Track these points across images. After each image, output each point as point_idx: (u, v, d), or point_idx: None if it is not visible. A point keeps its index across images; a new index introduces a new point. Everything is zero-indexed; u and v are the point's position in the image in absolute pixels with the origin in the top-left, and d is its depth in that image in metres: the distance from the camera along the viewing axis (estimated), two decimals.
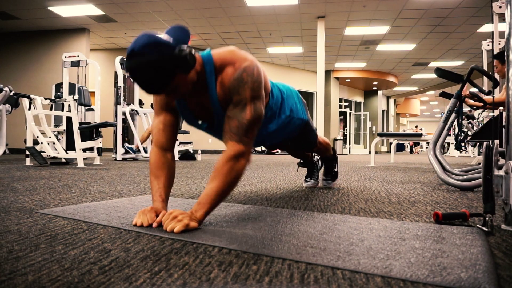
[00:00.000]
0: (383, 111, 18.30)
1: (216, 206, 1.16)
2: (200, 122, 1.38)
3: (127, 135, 6.76)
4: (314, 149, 2.05)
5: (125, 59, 1.08)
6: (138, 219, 1.15)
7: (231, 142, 1.18)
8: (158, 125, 1.34)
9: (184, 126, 6.67)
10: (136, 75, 1.06)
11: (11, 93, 3.88)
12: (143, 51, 1.03)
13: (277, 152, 11.62)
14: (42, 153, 4.25)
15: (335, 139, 14.08)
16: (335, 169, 2.32)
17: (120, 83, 6.07)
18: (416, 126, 22.54)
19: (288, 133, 1.73)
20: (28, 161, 4.24)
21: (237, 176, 1.17)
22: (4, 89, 3.75)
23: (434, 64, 12.51)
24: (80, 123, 4.55)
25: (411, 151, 18.86)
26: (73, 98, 4.45)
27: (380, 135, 5.30)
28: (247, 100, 1.19)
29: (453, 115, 2.71)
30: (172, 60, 1.06)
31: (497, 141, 2.32)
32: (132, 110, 6.39)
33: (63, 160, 4.66)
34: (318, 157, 2.38)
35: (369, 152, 12.63)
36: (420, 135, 5.16)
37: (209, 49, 1.26)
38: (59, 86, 6.08)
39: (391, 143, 8.85)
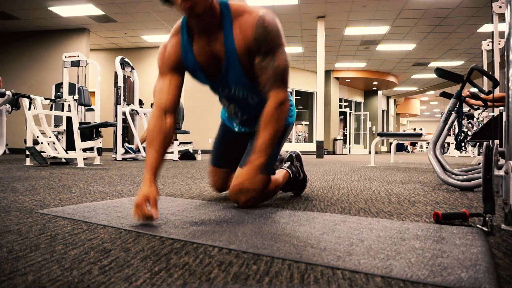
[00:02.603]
0: (383, 111, 18.30)
1: (271, 154, 1.23)
2: (205, 78, 1.38)
3: (127, 135, 6.76)
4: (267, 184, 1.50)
5: (125, 59, 1.10)
6: (134, 215, 1.16)
7: (275, 90, 1.26)
8: (162, 86, 1.34)
9: (184, 126, 6.67)
10: None
11: (14, 96, 3.89)
12: None
13: None
14: (42, 153, 4.25)
15: (335, 139, 14.08)
16: (300, 177, 1.88)
17: (120, 83, 6.06)
18: (414, 129, 22.54)
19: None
20: (28, 161, 4.24)
21: (284, 121, 1.27)
22: (7, 93, 3.76)
23: (434, 64, 12.51)
24: (80, 123, 4.55)
25: (408, 150, 19.01)
26: (73, 98, 4.44)
27: (380, 135, 5.30)
28: (275, 48, 1.24)
29: (453, 115, 2.71)
30: None
31: (497, 141, 2.32)
32: (132, 110, 6.39)
33: (63, 160, 4.66)
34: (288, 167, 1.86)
35: (369, 152, 12.63)
36: (420, 135, 5.16)
37: None
38: (59, 86, 6.08)
39: (391, 143, 8.85)
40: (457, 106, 2.60)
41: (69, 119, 4.75)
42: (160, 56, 1.36)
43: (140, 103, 7.16)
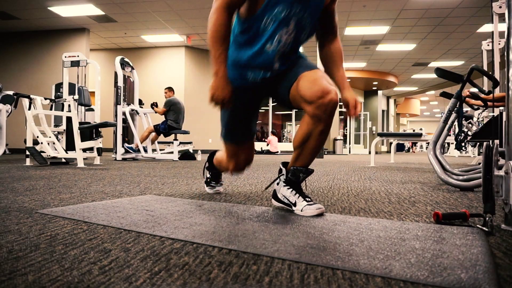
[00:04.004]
0: (383, 111, 18.30)
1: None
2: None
3: (127, 135, 6.75)
4: None
5: (125, 59, 1.10)
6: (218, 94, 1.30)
7: (338, 36, 1.56)
8: None
9: (184, 126, 6.67)
10: None
11: (12, 92, 3.88)
12: None
13: (277, 152, 11.63)
14: (42, 153, 4.25)
15: (335, 139, 14.08)
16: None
17: (120, 83, 6.06)
18: (414, 130, 22.57)
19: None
20: (28, 161, 4.24)
21: None
22: None
23: (434, 64, 12.51)
24: (80, 123, 4.55)
25: (408, 150, 19.20)
26: (73, 98, 4.45)
27: (380, 135, 5.30)
28: None
29: (453, 115, 2.71)
30: None
31: (497, 141, 2.32)
32: (132, 110, 6.38)
33: (63, 160, 4.66)
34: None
35: (369, 152, 12.62)
36: (420, 135, 5.16)
37: None
38: (59, 86, 6.08)
39: (391, 143, 8.85)
40: (457, 106, 2.60)
41: (69, 119, 4.75)
42: None
43: (140, 103, 7.15)
